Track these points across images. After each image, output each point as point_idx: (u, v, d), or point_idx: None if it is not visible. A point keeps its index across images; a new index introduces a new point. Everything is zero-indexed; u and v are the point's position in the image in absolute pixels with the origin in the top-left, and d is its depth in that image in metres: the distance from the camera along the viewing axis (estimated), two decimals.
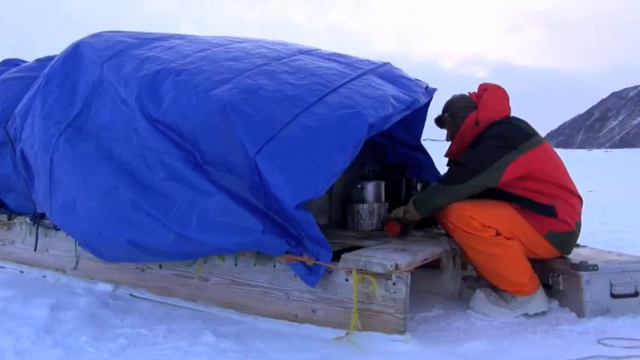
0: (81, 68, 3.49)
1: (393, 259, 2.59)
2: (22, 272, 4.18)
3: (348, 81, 3.21)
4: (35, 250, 4.05)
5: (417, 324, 2.97)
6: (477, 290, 3.16)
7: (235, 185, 2.80)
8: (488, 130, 3.21)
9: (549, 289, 3.20)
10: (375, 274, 2.57)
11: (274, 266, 2.92)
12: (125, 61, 3.33)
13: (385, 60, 3.83)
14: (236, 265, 3.06)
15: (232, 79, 3.01)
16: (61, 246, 3.92)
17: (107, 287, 3.62)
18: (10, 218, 4.28)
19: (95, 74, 3.38)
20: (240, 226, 2.72)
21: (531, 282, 3.07)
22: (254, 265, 2.98)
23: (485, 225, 2.99)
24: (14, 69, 4.41)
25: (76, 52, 3.62)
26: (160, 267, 3.38)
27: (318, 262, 2.66)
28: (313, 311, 2.79)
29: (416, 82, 3.62)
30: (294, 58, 3.41)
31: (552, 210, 3.08)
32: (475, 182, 3.05)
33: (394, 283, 2.56)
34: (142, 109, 3.04)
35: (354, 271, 2.59)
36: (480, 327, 2.95)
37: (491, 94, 3.37)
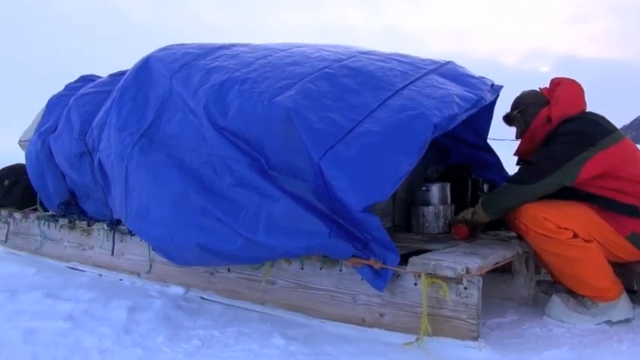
0: (151, 81, 3.66)
1: (464, 262, 2.52)
2: (101, 275, 4.42)
3: (411, 82, 3.16)
4: (112, 254, 4.29)
5: (490, 330, 2.87)
6: (554, 295, 3.01)
7: (300, 190, 2.83)
8: (562, 127, 3.05)
9: (634, 295, 3.00)
10: (445, 278, 2.50)
11: (340, 270, 2.91)
12: (192, 72, 3.45)
13: (442, 59, 3.74)
14: (302, 268, 3.08)
15: (295, 85, 3.05)
16: (135, 251, 4.13)
17: (179, 290, 3.77)
18: (89, 224, 4.54)
19: (165, 86, 3.53)
20: (306, 230, 2.74)
21: (614, 287, 2.88)
22: (320, 268, 3.00)
23: (560, 226, 2.84)
24: (90, 84, 4.68)
25: (146, 66, 3.79)
26: (229, 270, 3.47)
27: (385, 266, 2.63)
28: (381, 315, 2.76)
29: (481, 79, 3.50)
30: (354, 59, 3.40)
31: (635, 210, 2.88)
32: (549, 181, 2.91)
33: (465, 288, 2.49)
34: (209, 118, 3.14)
35: (422, 275, 2.54)
36: (559, 334, 2.80)
37: (565, 88, 3.20)
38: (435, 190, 3.60)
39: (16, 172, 5.51)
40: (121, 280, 4.24)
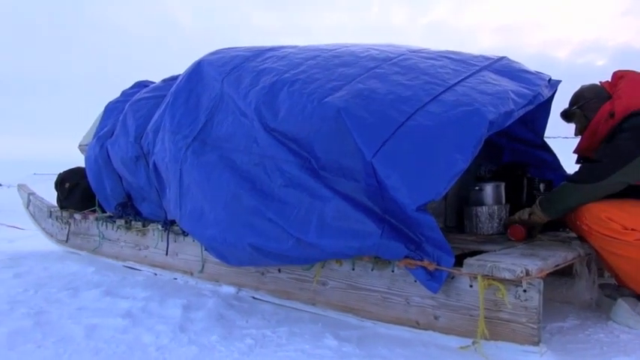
0: (203, 85, 3.74)
1: (522, 264, 2.42)
2: (156, 274, 4.57)
3: (463, 78, 3.08)
4: (166, 254, 4.41)
5: (551, 335, 2.75)
6: (619, 300, 2.85)
7: (351, 190, 2.81)
8: (627, 122, 2.89)
9: None
10: (503, 281, 2.41)
11: (393, 271, 2.87)
12: (242, 75, 3.51)
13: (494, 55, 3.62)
14: (353, 269, 3.06)
15: (345, 86, 3.03)
16: (188, 251, 4.23)
17: (231, 289, 3.84)
18: (144, 225, 4.70)
19: (216, 89, 3.60)
20: (357, 231, 2.72)
21: None
22: (372, 269, 2.97)
23: (627, 227, 2.69)
24: (145, 90, 4.85)
25: (197, 69, 3.88)
26: (280, 271, 3.50)
27: (439, 267, 2.57)
28: (435, 318, 2.70)
29: (537, 74, 3.37)
30: (403, 57, 3.35)
31: None
32: (613, 180, 2.76)
33: (525, 290, 2.39)
34: (260, 119, 3.18)
35: (479, 277, 2.46)
36: (627, 340, 2.65)
37: (630, 81, 3.03)
38: (489, 189, 3.50)
39: (76, 175, 5.78)
40: (175, 279, 4.36)
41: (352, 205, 2.76)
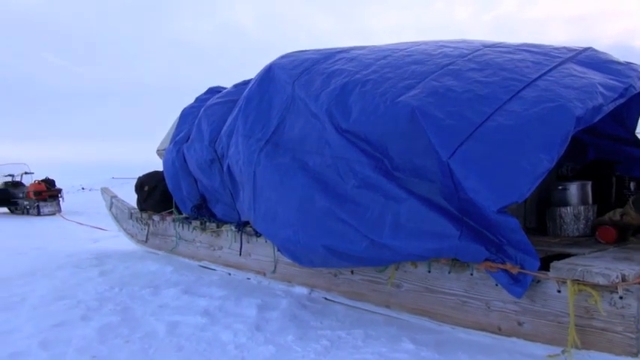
0: (274, 88, 3.80)
1: (618, 268, 2.25)
2: (230, 274, 4.70)
3: (545, 72, 2.92)
4: (240, 254, 4.52)
5: None
6: None
7: (426, 190, 2.74)
8: None
9: None
10: (596, 286, 2.26)
11: (471, 274, 2.77)
12: (313, 77, 3.52)
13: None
14: (429, 272, 2.99)
15: (418, 84, 2.97)
16: (261, 251, 4.31)
17: (303, 290, 3.87)
18: (218, 226, 4.85)
19: (287, 92, 3.65)
20: (434, 232, 2.64)
21: None
22: (449, 272, 2.88)
23: None
24: (217, 95, 5.00)
25: (268, 73, 3.95)
26: (352, 272, 3.48)
27: (523, 271, 2.45)
28: (519, 324, 2.58)
29: (628, 65, 3.13)
30: (479, 53, 3.23)
31: None
32: None
33: (621, 297, 2.22)
34: (331, 121, 3.18)
35: (568, 282, 2.32)
36: None
37: None
38: (573, 189, 3.30)
39: (154, 178, 6.07)
40: (249, 279, 4.46)
41: (428, 206, 2.70)
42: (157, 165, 6.09)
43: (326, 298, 3.68)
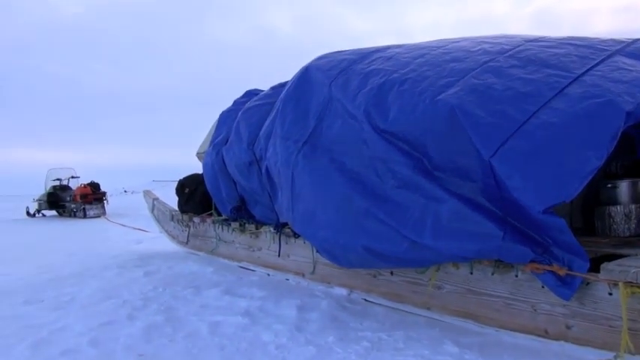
0: (311, 90, 3.81)
1: None
2: (269, 275, 4.74)
3: (592, 67, 2.82)
4: (279, 255, 4.56)
5: None
6: None
7: (468, 190, 2.69)
8: None
9: None
10: None
11: (516, 276, 2.70)
12: (350, 78, 3.52)
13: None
14: (472, 273, 2.93)
15: (457, 82, 2.91)
16: (300, 252, 4.33)
17: (342, 291, 3.86)
18: (257, 228, 4.90)
19: (324, 94, 3.65)
20: (476, 233, 2.59)
21: None
22: (492, 273, 2.81)
23: None
24: (255, 98, 5.07)
25: (305, 75, 3.97)
26: (392, 273, 3.45)
27: (571, 273, 2.36)
28: (567, 327, 2.49)
29: None
30: (520, 48, 3.14)
31: None
32: None
33: None
34: (369, 121, 3.16)
35: (620, 284, 2.22)
36: None
37: None
38: (624, 187, 3.16)
39: (194, 181, 6.21)
40: (287, 279, 4.49)
41: (469, 206, 2.64)
42: (197, 168, 6.22)
43: (365, 300, 3.66)
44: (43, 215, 16.37)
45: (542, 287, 2.53)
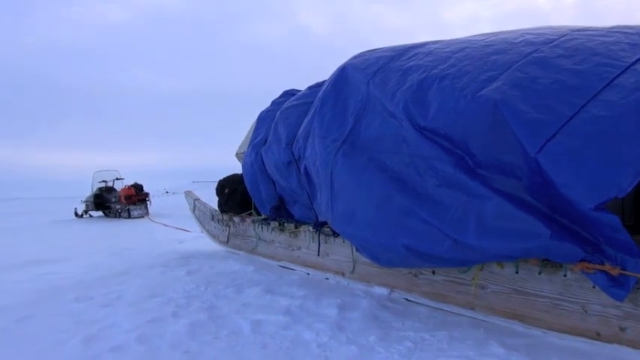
0: (349, 89, 3.80)
1: None
2: (309, 274, 4.75)
3: None
4: (318, 255, 4.57)
5: None
6: None
7: (513, 188, 2.61)
8: None
9: None
10: None
11: (565, 275, 2.60)
12: (388, 75, 3.48)
13: None
14: (517, 272, 2.85)
15: (500, 76, 2.83)
16: (339, 251, 4.33)
17: (383, 291, 3.83)
18: (296, 227, 4.93)
19: (362, 92, 3.63)
20: (522, 231, 2.51)
21: None
22: (539, 273, 2.73)
23: None
24: (292, 98, 5.09)
25: (342, 74, 3.96)
26: (434, 273, 3.40)
27: (625, 272, 2.26)
28: (621, 329, 2.38)
29: None
30: (566, 38, 3.02)
31: None
32: None
33: None
34: (409, 119, 3.12)
35: None
36: None
37: None
38: None
39: (234, 181, 6.30)
40: (327, 279, 4.49)
41: (514, 203, 2.57)
42: (236, 168, 6.31)
43: (407, 299, 3.62)
44: (90, 216, 16.98)
45: (594, 287, 2.44)
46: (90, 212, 17.06)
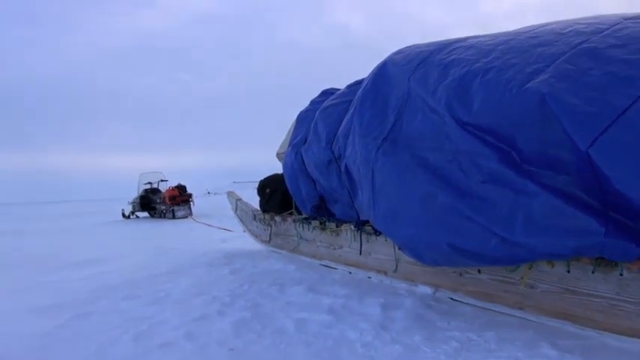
0: (389, 85, 3.76)
1: None
2: (350, 273, 4.74)
3: None
4: (360, 253, 4.55)
5: None
6: None
7: (562, 183, 2.52)
8: None
9: None
10: None
11: (621, 274, 2.49)
12: (429, 70, 3.42)
13: None
14: (569, 271, 2.74)
15: (547, 67, 2.73)
16: (381, 250, 4.29)
17: (427, 290, 3.78)
18: (337, 226, 4.92)
19: (403, 89, 3.58)
20: (574, 229, 2.41)
21: None
22: (592, 272, 2.62)
23: None
24: (332, 97, 5.09)
25: (382, 71, 3.92)
26: (480, 272, 3.32)
27: None
28: None
29: None
30: (619, 27, 2.88)
31: None
32: None
33: None
34: (452, 114, 3.06)
35: None
36: None
37: None
38: None
39: (275, 181, 6.36)
40: (370, 277, 4.47)
41: (565, 200, 2.47)
42: (277, 168, 6.37)
43: (451, 298, 3.55)
44: (137, 217, 17.55)
45: None
46: (136, 213, 17.62)
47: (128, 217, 17.56)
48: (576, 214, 2.41)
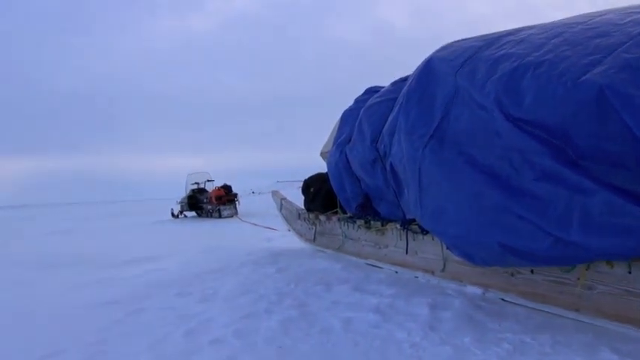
0: (435, 82, 3.69)
1: None
2: (397, 272, 4.69)
3: None
4: (406, 253, 4.50)
5: None
6: None
7: (622, 180, 2.39)
8: None
9: None
10: None
11: None
12: (477, 66, 3.33)
13: None
14: (630, 272, 2.61)
15: (605, 59, 2.60)
16: (428, 249, 4.23)
17: (476, 290, 3.69)
18: (383, 225, 4.88)
19: (449, 85, 3.51)
20: (636, 228, 2.29)
21: None
22: None
23: None
24: (376, 95, 5.04)
25: (428, 67, 3.85)
26: (532, 272, 3.21)
27: None
28: None
29: None
30: None
31: None
32: None
33: None
34: (501, 110, 2.96)
35: None
36: None
37: None
38: None
39: (319, 180, 6.39)
40: (416, 277, 4.40)
41: (625, 197, 2.35)
42: (319, 167, 6.39)
43: (502, 299, 3.45)
44: (185, 216, 18.05)
45: None
46: (185, 212, 18.12)
47: (177, 216, 18.08)
48: (637, 212, 2.29)
